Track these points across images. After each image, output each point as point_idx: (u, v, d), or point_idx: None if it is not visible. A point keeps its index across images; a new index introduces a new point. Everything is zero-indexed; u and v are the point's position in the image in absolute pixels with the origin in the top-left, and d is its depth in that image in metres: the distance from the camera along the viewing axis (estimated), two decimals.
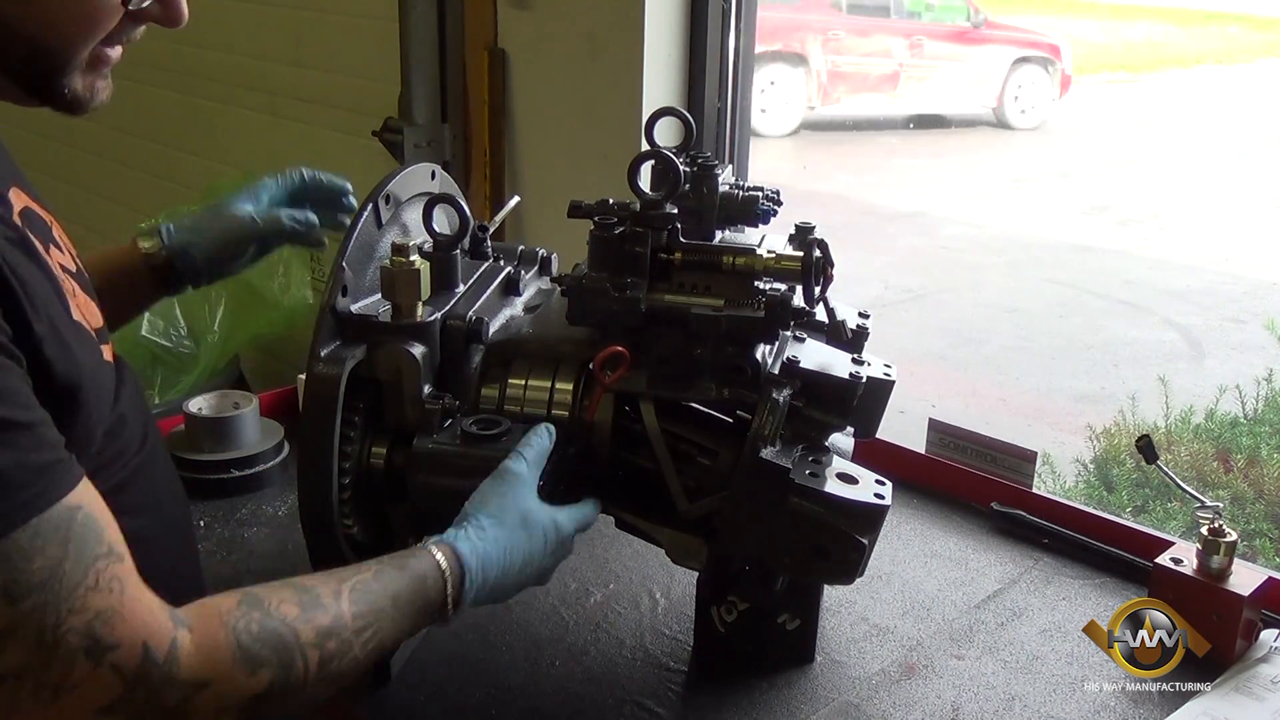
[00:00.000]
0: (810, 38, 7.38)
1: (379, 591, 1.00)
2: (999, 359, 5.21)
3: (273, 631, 0.92)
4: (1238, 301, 5.65)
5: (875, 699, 1.32)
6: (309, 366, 1.17)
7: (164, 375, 2.97)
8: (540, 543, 1.14)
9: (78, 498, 0.87)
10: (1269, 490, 3.39)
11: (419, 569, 1.04)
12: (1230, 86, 11.44)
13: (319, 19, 3.02)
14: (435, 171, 1.44)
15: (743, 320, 1.21)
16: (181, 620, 0.89)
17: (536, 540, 1.13)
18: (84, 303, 1.05)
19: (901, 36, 7.86)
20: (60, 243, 1.09)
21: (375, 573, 1.01)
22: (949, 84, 7.97)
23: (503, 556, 1.10)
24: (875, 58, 7.74)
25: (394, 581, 1.01)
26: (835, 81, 7.58)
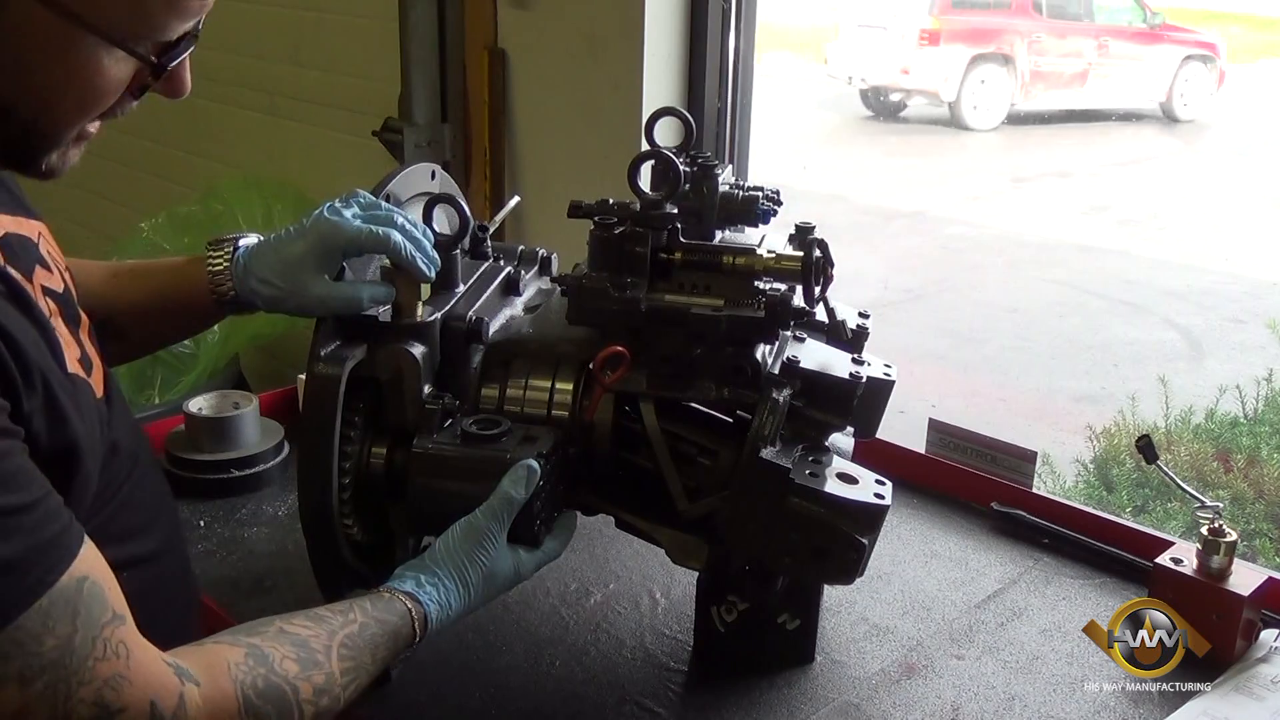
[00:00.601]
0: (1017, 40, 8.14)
1: (363, 646, 1.05)
2: (999, 359, 5.21)
3: (275, 688, 0.96)
4: (1238, 301, 5.64)
5: (875, 699, 1.32)
6: (309, 366, 1.16)
7: (164, 375, 2.97)
8: (498, 587, 1.18)
9: (83, 566, 0.88)
10: (1269, 490, 3.39)
11: (395, 628, 1.08)
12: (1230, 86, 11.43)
13: (319, 19, 3.02)
14: (435, 171, 1.44)
15: (743, 320, 1.21)
16: (189, 674, 0.92)
17: (496, 587, 1.18)
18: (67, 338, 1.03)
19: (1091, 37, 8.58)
20: (47, 258, 1.07)
21: (360, 626, 1.06)
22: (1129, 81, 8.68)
23: (461, 605, 1.14)
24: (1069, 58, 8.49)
25: (376, 636, 1.06)
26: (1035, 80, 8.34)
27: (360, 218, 1.23)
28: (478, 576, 1.15)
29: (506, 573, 1.18)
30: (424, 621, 1.10)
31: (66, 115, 0.98)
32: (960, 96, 8.25)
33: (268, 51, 3.21)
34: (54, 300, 1.05)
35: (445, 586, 1.13)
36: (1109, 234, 6.97)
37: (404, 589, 1.11)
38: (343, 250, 1.22)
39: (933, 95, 8.49)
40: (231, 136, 3.45)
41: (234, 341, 2.93)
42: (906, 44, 8.40)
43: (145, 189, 3.85)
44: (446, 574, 1.13)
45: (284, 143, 3.21)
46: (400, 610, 1.09)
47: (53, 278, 1.07)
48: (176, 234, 3.04)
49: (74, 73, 0.94)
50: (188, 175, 3.57)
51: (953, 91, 8.25)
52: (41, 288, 1.03)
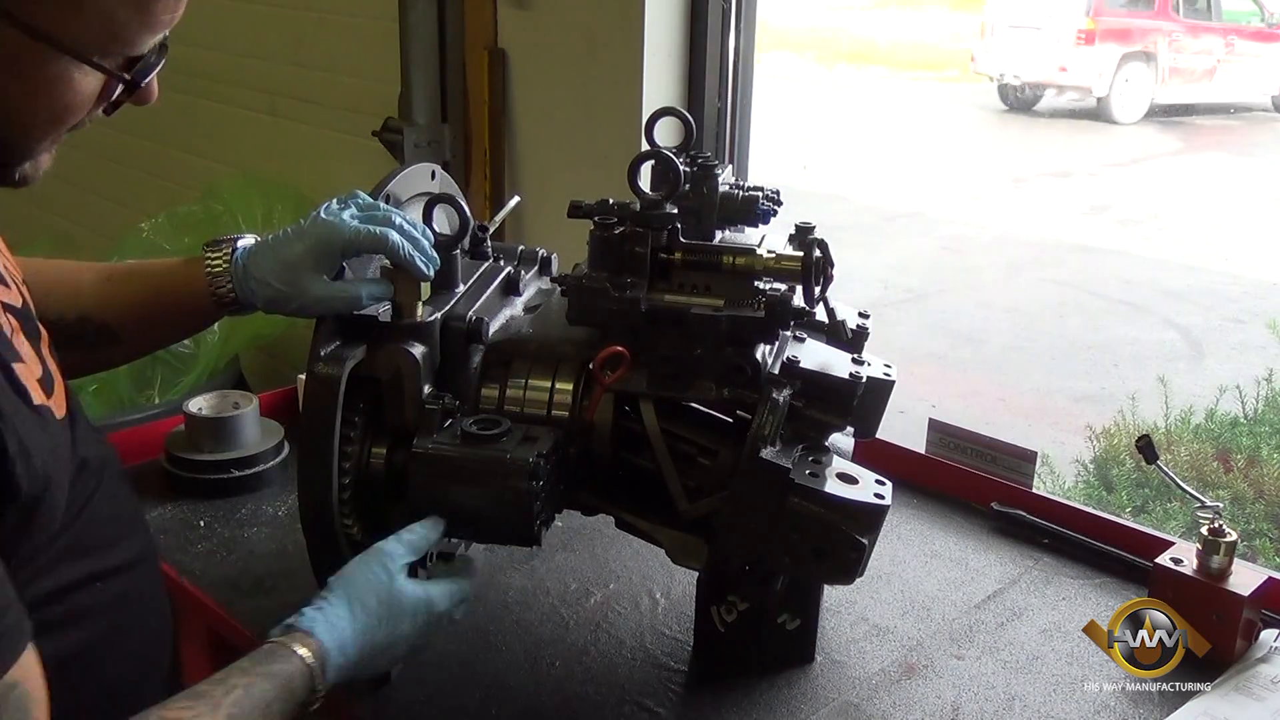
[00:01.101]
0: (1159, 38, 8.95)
1: (251, 708, 1.00)
2: (999, 359, 5.21)
3: None
4: (1238, 301, 5.65)
5: (875, 699, 1.32)
6: (309, 366, 1.16)
7: (164, 375, 2.97)
8: (407, 623, 1.14)
9: (18, 673, 0.86)
10: (1269, 490, 3.39)
11: (287, 673, 1.03)
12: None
13: (319, 19, 3.02)
14: (435, 171, 1.44)
15: (743, 320, 1.21)
16: None
17: (403, 621, 1.13)
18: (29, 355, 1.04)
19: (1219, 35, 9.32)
20: (4, 274, 1.07)
21: (245, 689, 1.00)
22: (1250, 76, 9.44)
23: (362, 637, 1.09)
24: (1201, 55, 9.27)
25: (266, 693, 1.01)
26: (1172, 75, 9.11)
27: (358, 218, 1.23)
28: (374, 602, 1.11)
29: (411, 602, 1.14)
30: (321, 655, 1.05)
31: (38, 129, 0.98)
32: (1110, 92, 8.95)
33: (268, 52, 3.21)
34: (14, 316, 1.05)
35: (338, 606, 1.09)
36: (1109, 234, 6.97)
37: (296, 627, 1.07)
38: (341, 251, 1.22)
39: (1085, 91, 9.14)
40: (231, 136, 3.45)
41: (234, 341, 2.92)
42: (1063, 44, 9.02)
43: (145, 189, 3.85)
44: (339, 602, 1.10)
45: (284, 143, 3.21)
46: (289, 658, 1.04)
47: (10, 293, 1.07)
48: (176, 234, 3.04)
49: (45, 89, 0.94)
50: (188, 175, 3.57)
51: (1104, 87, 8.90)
52: (2, 304, 1.04)
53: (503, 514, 1.18)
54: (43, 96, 0.95)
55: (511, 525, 1.19)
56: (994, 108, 10.03)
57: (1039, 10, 9.33)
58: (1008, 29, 9.59)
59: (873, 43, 13.92)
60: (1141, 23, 9.17)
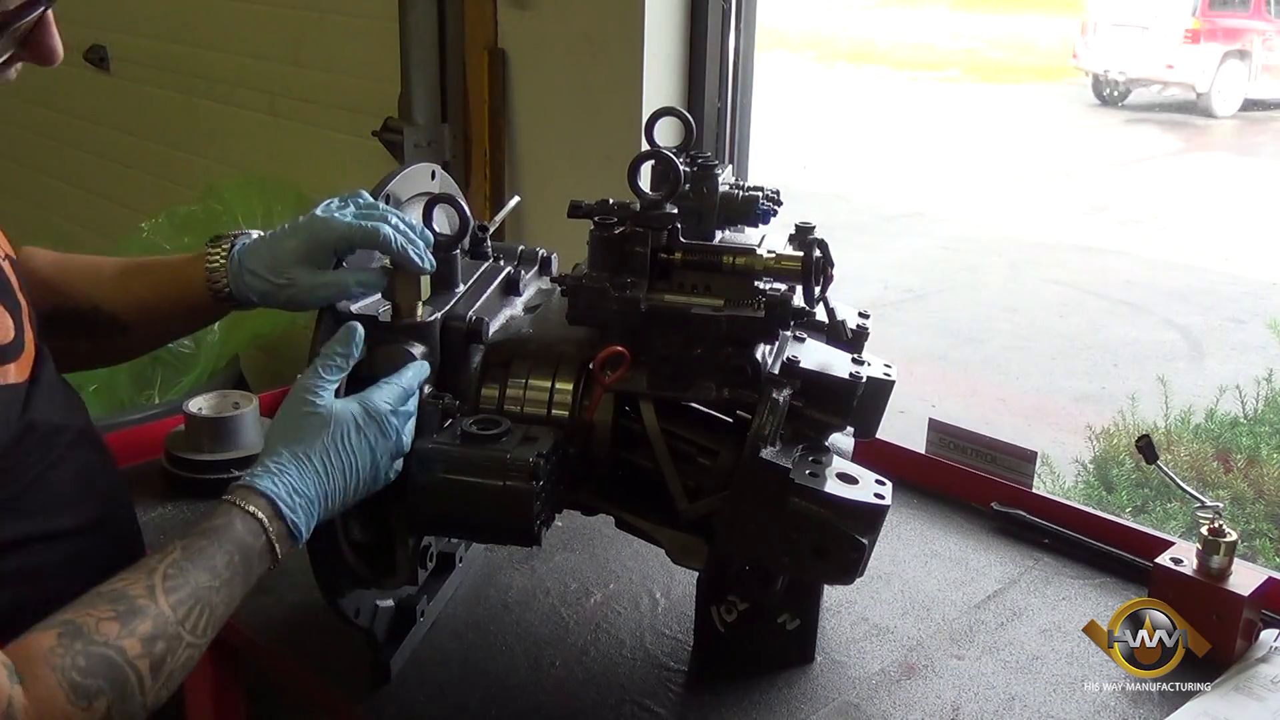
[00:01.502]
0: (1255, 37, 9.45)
1: (192, 569, 0.98)
2: (999, 359, 5.21)
3: (99, 658, 0.91)
4: (1238, 301, 5.65)
5: (875, 699, 1.32)
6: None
7: (164, 375, 2.97)
8: (353, 438, 1.10)
9: None
10: (1269, 490, 3.39)
11: (224, 526, 1.01)
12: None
13: (319, 19, 3.02)
14: (435, 171, 1.44)
15: (743, 320, 1.21)
16: (15, 674, 0.88)
17: (347, 438, 1.09)
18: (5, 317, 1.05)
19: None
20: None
21: (183, 549, 0.99)
22: None
23: (314, 474, 1.07)
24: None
25: (205, 552, 1.00)
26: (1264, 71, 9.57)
27: (353, 215, 1.24)
28: (306, 434, 1.08)
29: (346, 416, 1.10)
30: (266, 502, 1.03)
31: None
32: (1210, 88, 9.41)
33: (268, 51, 3.21)
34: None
35: (274, 454, 1.07)
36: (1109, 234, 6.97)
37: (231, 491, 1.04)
38: (333, 246, 1.23)
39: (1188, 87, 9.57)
40: (231, 136, 3.45)
41: (234, 341, 2.92)
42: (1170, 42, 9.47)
43: (145, 189, 3.85)
44: (270, 447, 1.08)
45: (284, 143, 3.21)
46: (227, 510, 1.02)
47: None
48: (176, 234, 3.04)
49: None
50: (188, 175, 3.58)
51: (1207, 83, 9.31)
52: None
53: (503, 514, 1.18)
54: None
55: (511, 525, 1.19)
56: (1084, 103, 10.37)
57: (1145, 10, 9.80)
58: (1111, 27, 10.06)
59: (872, 43, 13.92)
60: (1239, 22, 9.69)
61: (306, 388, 1.12)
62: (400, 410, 1.15)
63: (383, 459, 1.14)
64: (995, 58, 13.24)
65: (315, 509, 1.07)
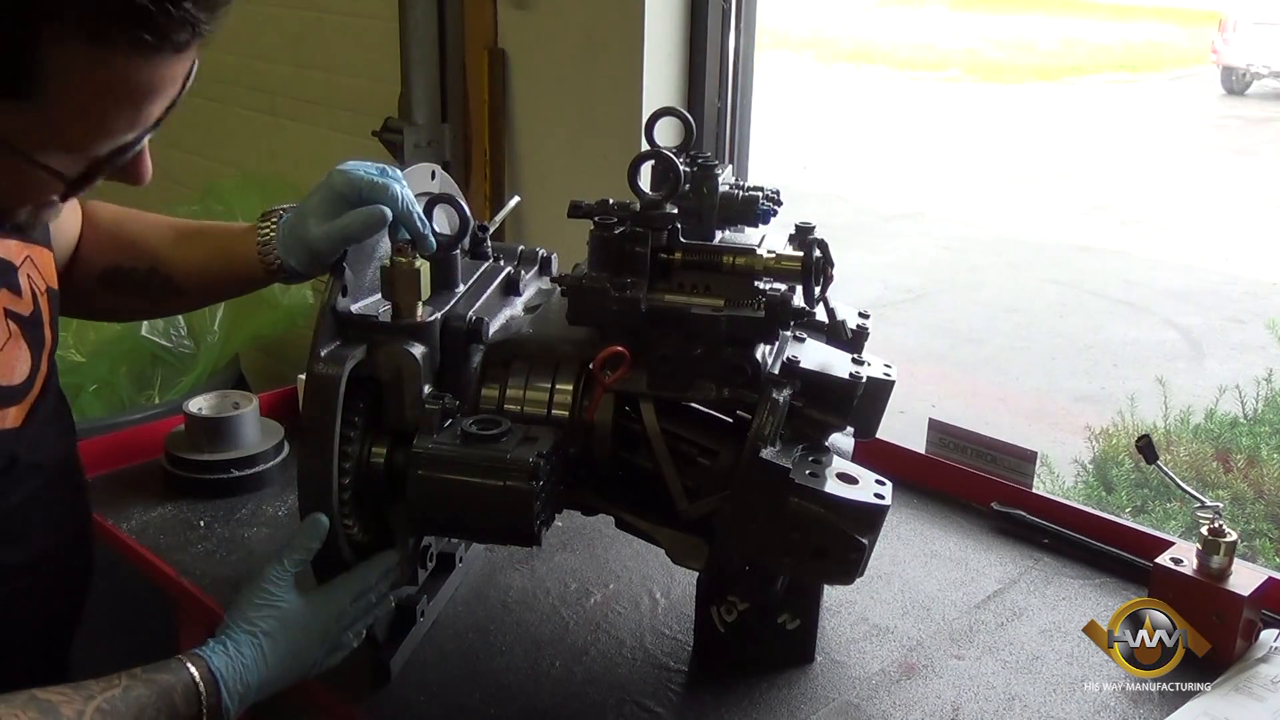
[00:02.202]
0: None
1: (124, 711, 1.00)
2: (999, 359, 5.22)
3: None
4: (1238, 301, 5.65)
5: (875, 699, 1.32)
6: (309, 366, 1.16)
7: (164, 375, 2.96)
8: (301, 640, 1.15)
9: None
10: (1269, 490, 3.39)
11: (169, 684, 1.04)
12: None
13: (319, 19, 3.02)
14: (435, 171, 1.44)
15: (743, 320, 1.21)
16: None
17: (297, 636, 1.15)
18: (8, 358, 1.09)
19: None
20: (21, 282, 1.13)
21: (124, 689, 1.01)
22: None
23: (261, 664, 1.11)
24: None
25: (143, 699, 1.01)
26: None
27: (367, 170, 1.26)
28: (267, 625, 1.12)
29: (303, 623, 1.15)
30: (212, 680, 1.06)
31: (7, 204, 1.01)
32: None
33: (268, 51, 3.21)
34: (15, 322, 1.11)
35: (234, 635, 1.11)
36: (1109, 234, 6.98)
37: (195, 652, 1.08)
38: (344, 193, 1.24)
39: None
40: (231, 136, 3.45)
41: (234, 341, 2.92)
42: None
43: (145, 189, 3.84)
44: (233, 630, 1.11)
45: (284, 143, 3.21)
46: (178, 670, 1.05)
47: (20, 302, 1.13)
48: None
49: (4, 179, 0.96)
50: (188, 175, 3.57)
51: None
52: (4, 310, 1.10)
53: (503, 514, 1.18)
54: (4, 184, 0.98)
55: (511, 525, 1.19)
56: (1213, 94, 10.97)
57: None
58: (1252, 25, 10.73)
59: (872, 43, 13.93)
60: None
61: (271, 578, 1.15)
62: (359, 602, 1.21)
63: (326, 656, 1.19)
64: (995, 58, 13.25)
65: (251, 696, 1.11)
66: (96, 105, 0.93)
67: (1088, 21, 14.74)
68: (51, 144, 0.95)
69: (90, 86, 0.91)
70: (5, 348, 1.11)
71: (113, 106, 0.94)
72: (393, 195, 1.23)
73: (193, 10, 0.90)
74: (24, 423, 1.13)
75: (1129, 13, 14.86)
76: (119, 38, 0.88)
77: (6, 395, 1.11)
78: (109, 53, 0.89)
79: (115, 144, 0.99)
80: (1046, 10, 15.42)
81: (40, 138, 0.94)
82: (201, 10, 0.91)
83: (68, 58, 0.88)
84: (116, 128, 0.97)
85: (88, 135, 0.96)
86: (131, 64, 0.91)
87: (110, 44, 0.88)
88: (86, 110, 0.93)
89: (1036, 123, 10.41)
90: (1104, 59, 12.93)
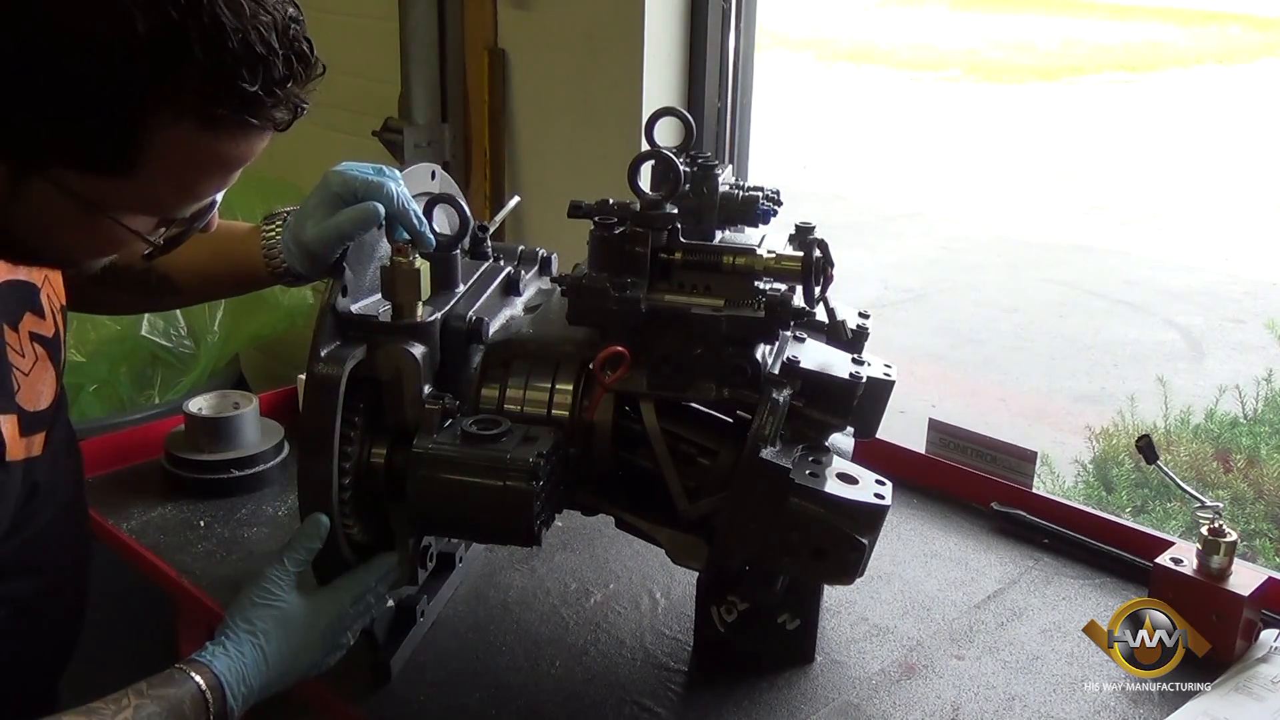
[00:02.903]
0: None
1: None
2: (999, 359, 5.21)
3: None
4: (1238, 301, 5.65)
5: (875, 699, 1.32)
6: (309, 366, 1.16)
7: (164, 375, 2.96)
8: (303, 637, 1.15)
9: None
10: (1269, 490, 3.39)
11: (178, 697, 1.05)
12: (1231, 86, 11.44)
13: (319, 19, 2.99)
14: (435, 171, 1.44)
15: (743, 320, 1.21)
16: None
17: (298, 636, 1.15)
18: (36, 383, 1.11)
19: None
20: (44, 304, 1.15)
21: (134, 710, 1.02)
22: None
23: (262, 664, 1.11)
24: None
25: (154, 716, 1.02)
26: None
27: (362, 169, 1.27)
28: (268, 625, 1.12)
29: (304, 623, 1.15)
30: (217, 686, 1.07)
31: (83, 259, 1.06)
32: None
33: None
34: (41, 345, 1.12)
35: (235, 637, 1.11)
36: (1109, 234, 6.98)
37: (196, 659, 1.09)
38: (340, 192, 1.25)
39: None
40: None
41: (234, 341, 2.92)
42: None
43: None
44: (234, 631, 1.11)
45: (284, 143, 3.19)
46: (185, 682, 1.05)
47: (44, 324, 1.14)
48: None
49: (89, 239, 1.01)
50: None
51: None
52: (29, 334, 1.11)
53: (503, 514, 1.18)
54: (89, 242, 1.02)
55: (511, 525, 1.19)
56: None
57: None
58: None
59: (873, 43, 13.93)
60: None
61: (272, 578, 1.15)
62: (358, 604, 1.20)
63: (326, 656, 1.19)
64: (995, 58, 13.25)
65: (253, 697, 1.11)
66: (191, 177, 0.98)
67: (1088, 21, 14.74)
68: (139, 209, 0.98)
69: (189, 162, 0.95)
70: (33, 373, 1.12)
71: (205, 177, 0.99)
72: (387, 193, 1.23)
73: (296, 94, 0.96)
74: (44, 449, 1.14)
75: (1129, 13, 14.85)
76: (228, 121, 0.93)
77: (34, 421, 1.11)
78: (215, 133, 0.93)
79: (198, 207, 1.03)
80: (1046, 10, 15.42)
81: (130, 204, 0.97)
82: (302, 91, 0.97)
83: (174, 139, 0.92)
84: (204, 194, 1.02)
85: (177, 203, 1.00)
86: (232, 141, 0.95)
87: (219, 126, 0.93)
88: (181, 182, 0.97)
89: (1036, 123, 10.40)
90: (1104, 59, 12.92)
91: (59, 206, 0.94)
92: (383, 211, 1.23)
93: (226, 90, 0.90)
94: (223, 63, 0.89)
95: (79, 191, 0.93)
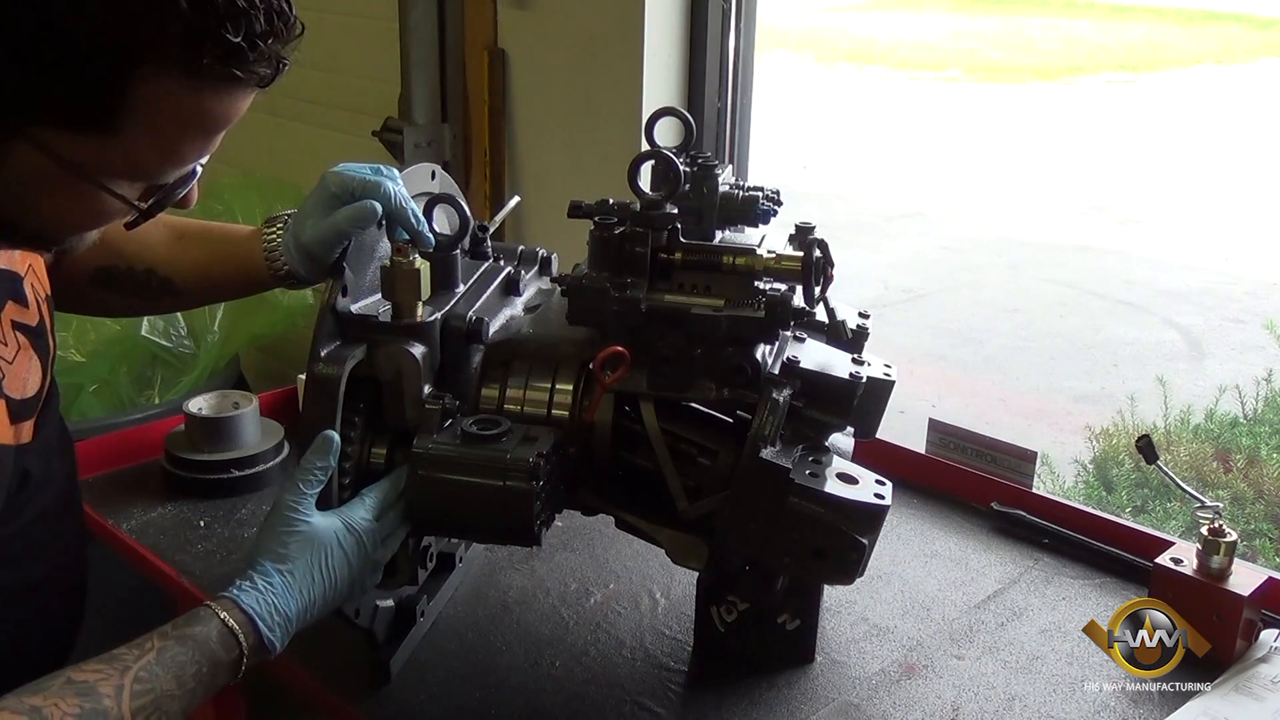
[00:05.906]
0: None
1: (163, 675, 0.98)
2: (999, 359, 5.21)
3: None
4: (1238, 301, 5.65)
5: (875, 699, 1.32)
6: (309, 367, 1.17)
7: (164, 375, 2.96)
8: (335, 557, 1.11)
9: None
10: (1269, 490, 3.39)
11: (203, 635, 1.02)
12: (1231, 86, 11.44)
13: (319, 19, 3.02)
14: (435, 171, 1.44)
15: (743, 320, 1.21)
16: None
17: (328, 557, 1.11)
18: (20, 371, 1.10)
19: None
20: (27, 292, 1.14)
21: (158, 652, 1.00)
22: None
23: (297, 593, 1.08)
24: None
25: (178, 659, 1.00)
26: None
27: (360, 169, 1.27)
28: (292, 550, 1.08)
29: (328, 535, 1.11)
30: (246, 620, 1.04)
31: (64, 232, 1.06)
32: None
33: None
34: (24, 334, 1.12)
35: (262, 569, 1.07)
36: (1109, 234, 6.97)
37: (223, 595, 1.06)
38: (339, 196, 1.25)
39: None
40: (230, 136, 3.43)
41: (234, 341, 2.92)
42: None
43: None
44: (260, 562, 1.08)
45: (284, 143, 3.21)
46: (209, 620, 1.03)
47: (27, 313, 1.14)
48: None
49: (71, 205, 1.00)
50: None
51: None
52: (12, 322, 1.10)
53: (503, 514, 1.18)
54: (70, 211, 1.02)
55: (511, 525, 1.19)
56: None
57: None
58: None
59: (872, 43, 13.93)
60: None
61: (288, 504, 1.11)
62: (383, 519, 1.17)
63: (363, 575, 1.15)
64: (995, 58, 13.25)
65: (292, 626, 1.08)
66: (174, 136, 0.97)
67: (1088, 21, 14.74)
68: (122, 172, 0.98)
69: (173, 119, 0.95)
70: (16, 360, 1.11)
71: (188, 137, 0.98)
72: (385, 192, 1.23)
73: (277, 49, 0.96)
74: (34, 437, 1.13)
75: (1129, 13, 14.85)
76: (212, 74, 0.93)
77: (21, 409, 1.11)
78: (198, 88, 0.94)
79: (181, 172, 1.03)
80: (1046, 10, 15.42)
81: (112, 166, 0.97)
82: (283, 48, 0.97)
83: (158, 93, 0.92)
84: (187, 156, 1.01)
85: (160, 164, 1.00)
86: (215, 98, 0.96)
87: (202, 79, 0.93)
88: (164, 140, 0.97)
89: (1036, 123, 10.39)
90: (1104, 59, 12.92)
91: (40, 171, 0.94)
92: (380, 209, 1.23)
93: (211, 41, 0.91)
94: (206, 14, 0.90)
95: (60, 153, 0.93)
